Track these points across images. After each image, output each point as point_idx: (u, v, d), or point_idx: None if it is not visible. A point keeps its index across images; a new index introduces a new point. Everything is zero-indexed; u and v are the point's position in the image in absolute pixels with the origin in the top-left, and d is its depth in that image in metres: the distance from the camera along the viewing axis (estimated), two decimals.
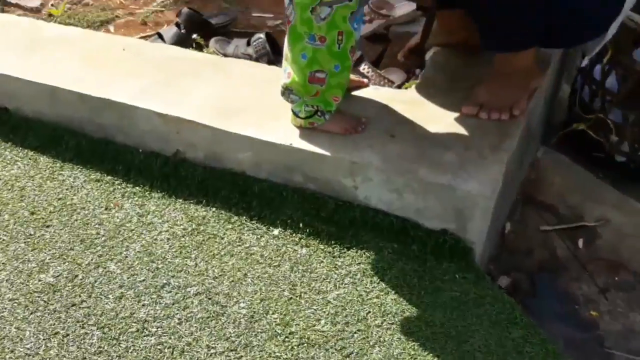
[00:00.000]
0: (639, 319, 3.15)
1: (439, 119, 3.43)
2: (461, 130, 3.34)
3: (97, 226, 3.64)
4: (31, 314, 3.17)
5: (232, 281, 3.25)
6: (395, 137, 3.32)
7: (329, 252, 3.34)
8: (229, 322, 3.06)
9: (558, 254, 3.52)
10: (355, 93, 3.76)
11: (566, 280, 3.40)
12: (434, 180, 3.05)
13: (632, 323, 3.13)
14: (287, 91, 3.37)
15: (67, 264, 3.43)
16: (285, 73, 3.33)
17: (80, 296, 3.25)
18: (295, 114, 3.46)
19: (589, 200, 3.76)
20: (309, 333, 2.97)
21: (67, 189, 3.92)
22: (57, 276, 3.37)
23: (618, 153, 3.93)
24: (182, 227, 3.58)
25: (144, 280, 3.31)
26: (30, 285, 3.32)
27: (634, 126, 3.77)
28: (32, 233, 3.63)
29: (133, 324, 3.10)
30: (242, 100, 3.82)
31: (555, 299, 3.28)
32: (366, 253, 3.31)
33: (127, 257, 3.44)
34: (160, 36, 5.13)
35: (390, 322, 2.98)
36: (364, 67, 4.29)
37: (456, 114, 3.44)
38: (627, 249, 3.45)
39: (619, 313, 3.18)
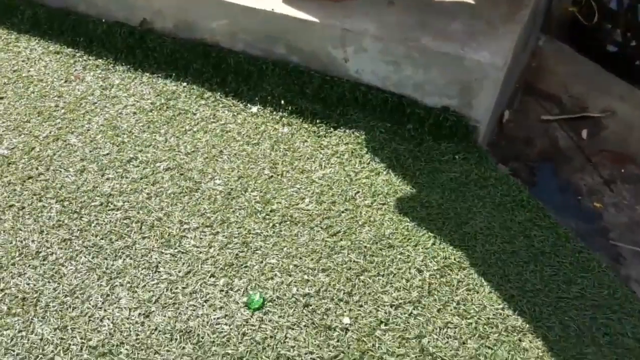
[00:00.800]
0: None
1: None
2: None
3: (56, 99, 3.35)
4: None
5: (206, 158, 3.01)
6: (395, 4, 3.04)
7: (314, 132, 3.10)
8: (203, 198, 2.83)
9: (560, 144, 3.33)
10: None
11: (568, 171, 3.22)
12: (439, 49, 2.79)
13: (639, 216, 2.97)
14: None
15: (22, 136, 3.14)
16: None
17: (37, 169, 2.99)
18: None
19: (594, 90, 3.56)
20: (291, 211, 2.76)
21: (23, 61, 3.60)
22: (12, 149, 3.09)
23: (610, 42, 3.71)
24: (149, 101, 3.30)
25: (108, 154, 3.05)
26: None
27: (628, 13, 3.53)
28: None
29: (96, 198, 2.85)
30: None
31: (556, 190, 3.10)
32: (355, 132, 3.08)
33: (89, 130, 3.17)
34: None
35: (381, 202, 2.78)
36: None
37: None
38: (634, 142, 3.28)
39: (625, 205, 3.03)
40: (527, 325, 2.39)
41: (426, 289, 2.50)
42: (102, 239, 2.68)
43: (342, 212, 2.74)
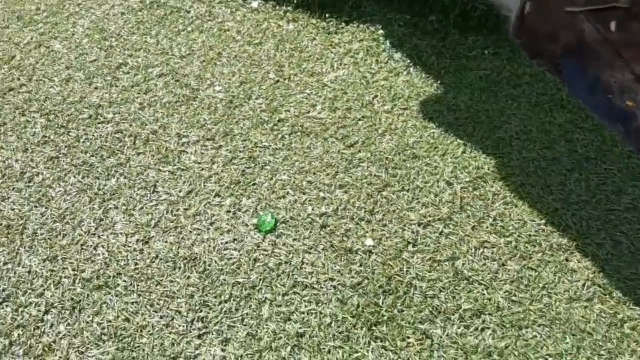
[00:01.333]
0: None
1: None
2: None
3: (36, 1, 2.73)
4: None
5: (203, 61, 2.42)
6: None
7: (323, 28, 2.50)
8: (202, 108, 2.28)
9: (586, 38, 2.74)
10: None
11: (597, 68, 2.65)
12: None
13: None
14: None
15: (1, 44, 2.56)
16: None
17: (19, 79, 2.42)
18: None
19: None
20: (302, 120, 2.21)
21: None
22: None
23: None
24: None
25: (95, 60, 2.46)
26: None
27: None
28: None
29: (84, 110, 2.30)
30: None
31: (584, 88, 2.54)
32: (370, 27, 2.49)
33: (74, 34, 2.56)
34: None
35: (402, 107, 2.23)
36: None
37: None
38: None
39: None
40: (574, 243, 1.90)
41: (457, 204, 1.99)
42: (92, 156, 2.15)
43: (359, 119, 2.19)
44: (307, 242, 1.94)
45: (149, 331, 1.79)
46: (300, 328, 1.78)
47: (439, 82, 2.29)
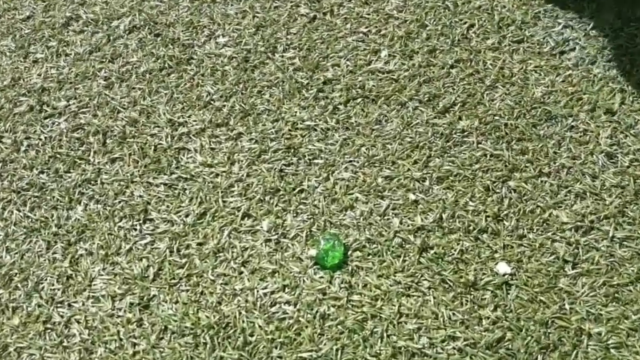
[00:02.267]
0: None
1: None
2: None
3: None
4: None
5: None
6: None
7: None
8: (203, 75, 1.50)
9: None
10: None
11: None
12: None
13: None
14: None
15: None
16: None
17: None
18: None
19: None
20: (360, 78, 1.46)
21: None
22: None
23: None
24: None
25: (29, 17, 1.65)
26: None
27: None
28: None
29: (21, 99, 1.52)
30: None
31: None
32: None
33: None
34: None
35: (514, 39, 1.46)
36: None
37: None
38: None
39: None
40: None
41: (630, 189, 1.23)
42: (41, 172, 1.39)
43: (451, 66, 1.42)
44: (402, 279, 1.18)
45: None
46: None
47: None
